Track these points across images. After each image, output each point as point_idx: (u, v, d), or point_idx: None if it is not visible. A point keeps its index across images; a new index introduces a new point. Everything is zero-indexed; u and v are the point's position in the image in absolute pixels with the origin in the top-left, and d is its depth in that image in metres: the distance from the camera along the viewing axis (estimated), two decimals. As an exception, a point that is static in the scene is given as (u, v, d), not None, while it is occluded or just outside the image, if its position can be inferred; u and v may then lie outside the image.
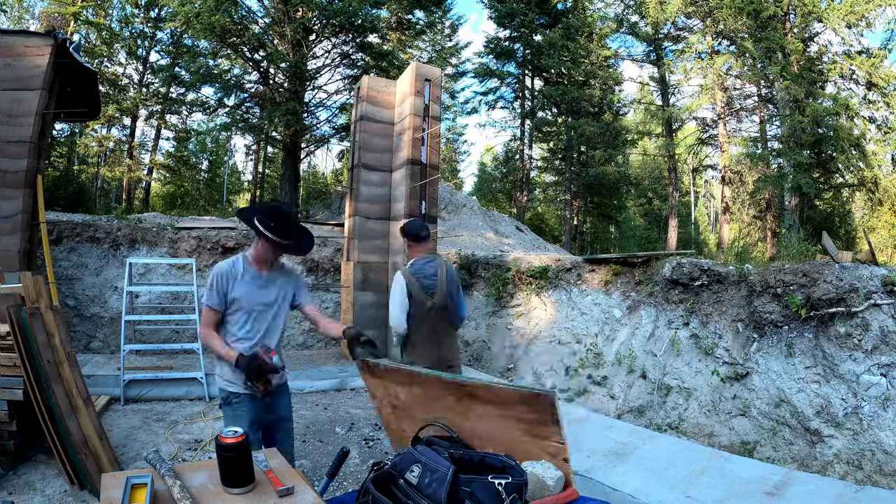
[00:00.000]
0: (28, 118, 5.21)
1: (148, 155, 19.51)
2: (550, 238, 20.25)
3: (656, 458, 3.30)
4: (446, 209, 12.64)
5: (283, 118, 12.35)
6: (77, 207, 12.65)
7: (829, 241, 4.80)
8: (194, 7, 11.32)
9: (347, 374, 6.05)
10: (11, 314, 3.02)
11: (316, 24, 12.79)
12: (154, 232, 7.52)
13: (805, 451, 4.14)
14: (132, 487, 1.33)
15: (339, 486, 3.44)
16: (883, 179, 14.24)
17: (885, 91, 13.49)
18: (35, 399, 3.04)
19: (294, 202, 13.90)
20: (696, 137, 18.87)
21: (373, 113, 6.98)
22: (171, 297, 7.02)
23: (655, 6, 16.17)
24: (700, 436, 4.71)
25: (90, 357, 6.07)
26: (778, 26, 14.31)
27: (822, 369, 4.30)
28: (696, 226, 27.76)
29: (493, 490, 1.36)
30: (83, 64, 5.73)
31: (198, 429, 4.36)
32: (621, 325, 6.17)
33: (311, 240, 2.44)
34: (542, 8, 19.46)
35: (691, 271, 5.56)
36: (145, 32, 17.63)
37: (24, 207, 5.16)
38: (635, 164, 26.62)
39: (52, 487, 3.11)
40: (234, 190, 25.50)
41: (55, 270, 6.34)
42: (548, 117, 20.87)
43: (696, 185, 28.63)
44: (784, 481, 2.89)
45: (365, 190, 6.88)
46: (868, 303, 4.15)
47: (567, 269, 7.16)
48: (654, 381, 5.37)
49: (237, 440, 1.39)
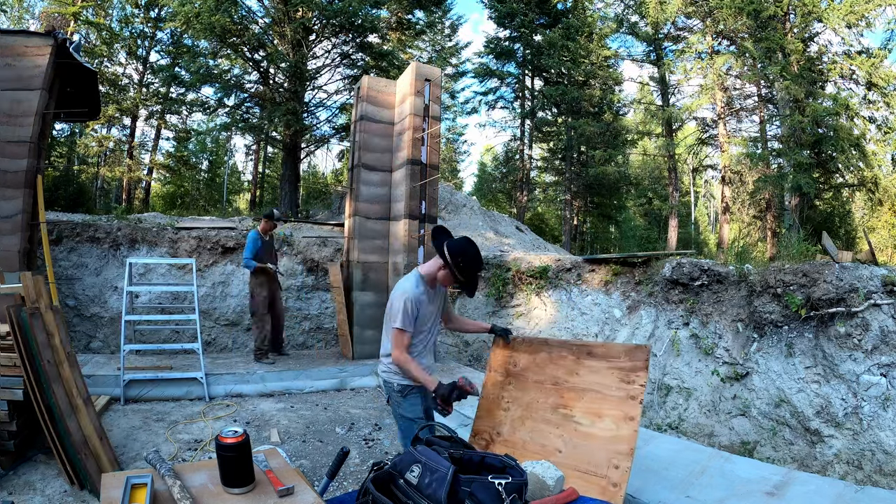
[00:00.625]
0: (28, 118, 5.21)
1: (148, 155, 19.50)
2: (550, 238, 20.25)
3: (656, 458, 3.30)
4: (446, 209, 12.64)
5: (283, 118, 12.34)
6: (77, 207, 12.65)
7: (829, 241, 4.80)
8: (194, 7, 11.31)
9: (347, 374, 6.05)
10: (11, 314, 3.02)
11: (316, 24, 12.78)
12: (154, 232, 7.52)
13: (805, 451, 4.14)
14: (132, 487, 1.33)
15: (339, 486, 3.44)
16: (883, 179, 14.23)
17: (885, 91, 13.48)
18: (35, 399, 3.04)
19: (294, 202, 13.89)
20: (696, 137, 18.87)
21: (373, 113, 6.98)
22: (171, 297, 7.02)
23: (655, 6, 16.16)
24: (700, 436, 4.71)
25: (90, 357, 6.07)
26: (778, 26, 14.31)
27: (822, 369, 4.30)
28: (696, 226, 27.76)
29: (493, 490, 1.36)
30: (83, 64, 5.73)
31: (198, 429, 4.36)
32: (621, 325, 6.17)
33: (478, 281, 2.62)
34: (542, 8, 19.46)
35: (691, 271, 5.56)
36: (145, 32, 17.62)
37: (24, 207, 5.16)
38: (635, 164, 26.62)
39: (52, 487, 3.12)
40: (234, 190, 25.50)
41: (55, 270, 6.34)
42: (548, 117, 20.86)
43: (696, 185, 28.62)
44: (784, 481, 2.89)
45: (365, 190, 6.88)
46: (868, 303, 4.15)
47: (567, 268, 7.16)
48: (654, 381, 5.37)
49: (237, 440, 1.39)
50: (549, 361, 2.63)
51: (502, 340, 2.88)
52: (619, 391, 2.32)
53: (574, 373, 2.52)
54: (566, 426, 2.43)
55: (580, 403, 2.43)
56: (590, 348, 2.53)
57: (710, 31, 16.07)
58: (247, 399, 5.28)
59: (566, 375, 2.54)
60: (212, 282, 7.52)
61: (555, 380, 2.57)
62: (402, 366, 2.42)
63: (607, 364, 2.42)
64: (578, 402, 2.44)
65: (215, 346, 7.32)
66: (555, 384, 2.56)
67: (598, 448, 2.27)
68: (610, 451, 2.22)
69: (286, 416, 4.82)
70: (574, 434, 2.38)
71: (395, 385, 2.53)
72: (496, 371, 2.86)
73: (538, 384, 2.62)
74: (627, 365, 2.35)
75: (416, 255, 6.42)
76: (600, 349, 2.50)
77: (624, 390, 2.31)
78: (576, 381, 2.50)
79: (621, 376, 2.34)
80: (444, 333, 7.58)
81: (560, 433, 2.43)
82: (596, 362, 2.46)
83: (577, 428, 2.39)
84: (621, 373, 2.35)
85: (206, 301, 7.33)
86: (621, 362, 2.37)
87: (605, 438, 2.27)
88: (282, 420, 4.69)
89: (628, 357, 2.36)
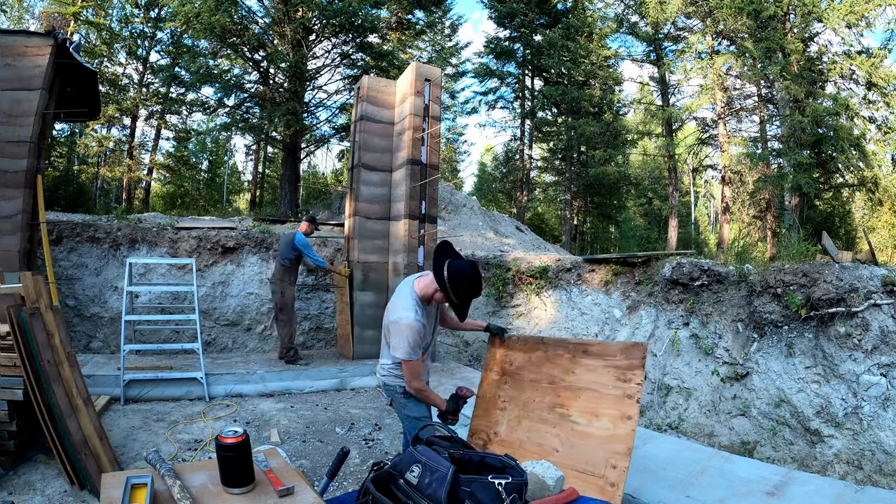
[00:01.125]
0: (28, 118, 5.21)
1: (148, 155, 19.50)
2: (550, 238, 20.26)
3: (656, 458, 3.30)
4: (446, 209, 12.64)
5: (283, 118, 12.35)
6: (77, 207, 12.65)
7: (829, 241, 4.80)
8: (194, 7, 11.32)
9: (347, 374, 6.05)
10: (11, 314, 3.02)
11: (316, 24, 12.79)
12: (154, 232, 7.51)
13: (805, 451, 4.14)
14: (132, 487, 1.33)
15: (339, 486, 3.44)
16: (883, 179, 14.23)
17: (885, 91, 13.48)
18: (35, 399, 3.04)
19: (294, 202, 13.90)
20: (696, 137, 18.87)
21: (373, 113, 6.98)
22: (171, 297, 7.02)
23: (655, 6, 16.16)
24: (700, 436, 4.71)
25: (90, 357, 6.06)
26: (778, 26, 14.31)
27: (822, 369, 4.30)
28: (696, 226, 27.75)
29: (492, 490, 1.36)
30: (83, 64, 5.72)
31: (198, 429, 4.36)
32: (621, 325, 6.17)
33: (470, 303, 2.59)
34: (542, 8, 19.46)
35: (691, 271, 5.56)
36: (145, 32, 17.61)
37: (24, 207, 5.15)
38: (635, 164, 26.62)
39: (52, 487, 3.11)
40: (234, 190, 25.50)
41: (55, 270, 6.34)
42: (548, 117, 20.86)
43: (696, 185, 28.61)
44: (784, 481, 2.89)
45: (365, 190, 6.88)
46: (868, 303, 4.15)
47: (567, 269, 7.16)
48: (654, 381, 5.37)
49: (237, 440, 1.39)
50: (545, 360, 2.62)
51: (498, 339, 2.88)
52: (616, 390, 2.31)
53: (570, 371, 2.51)
54: (563, 425, 2.42)
55: (577, 402, 2.42)
56: (586, 346, 2.52)
57: (710, 31, 16.07)
58: (247, 399, 5.28)
59: (562, 374, 2.53)
60: (212, 282, 7.52)
61: (551, 378, 2.56)
62: (421, 395, 2.47)
63: (603, 362, 2.40)
64: (575, 401, 2.43)
65: (215, 346, 7.32)
66: (551, 383, 2.55)
67: (595, 447, 2.26)
68: (607, 451, 2.22)
69: (286, 416, 4.82)
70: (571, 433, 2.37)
71: (397, 388, 2.56)
72: (492, 370, 2.85)
73: (534, 383, 2.61)
74: (624, 363, 2.33)
75: (416, 255, 6.42)
76: (596, 347, 2.49)
77: (620, 389, 2.30)
78: (572, 379, 2.48)
79: (618, 375, 2.33)
80: (445, 333, 7.57)
81: (557, 433, 2.42)
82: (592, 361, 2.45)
83: (574, 427, 2.38)
84: (618, 371, 2.34)
85: (206, 301, 7.33)
86: (617, 361, 2.36)
87: (603, 438, 2.26)
88: (282, 420, 4.69)
89: (624, 355, 2.35)
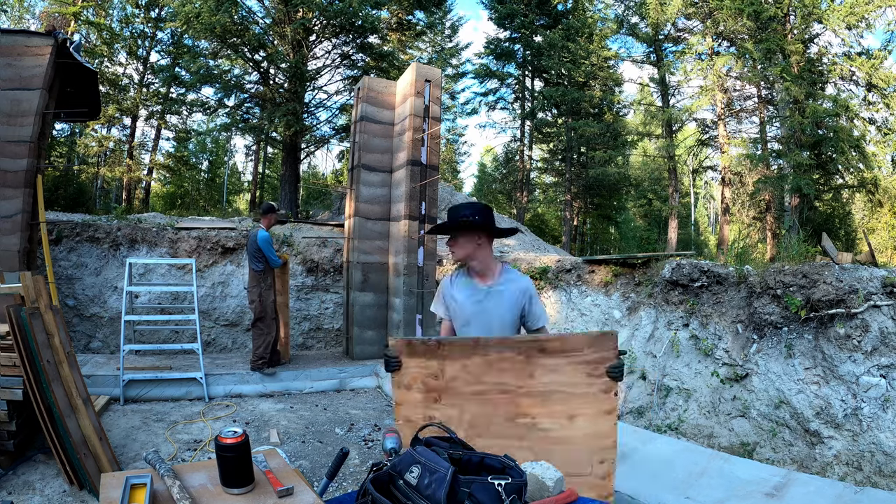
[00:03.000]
0: (28, 118, 5.21)
1: (148, 155, 19.52)
2: (550, 239, 20.27)
3: (656, 459, 3.30)
4: (446, 210, 12.64)
5: (283, 118, 12.35)
6: (77, 207, 12.65)
7: (829, 242, 4.80)
8: (194, 7, 11.32)
9: (347, 375, 6.05)
10: (11, 314, 3.02)
11: (316, 24, 12.79)
12: (154, 232, 7.52)
13: (805, 453, 4.14)
14: (131, 487, 1.32)
15: (339, 486, 3.44)
16: (883, 181, 14.23)
17: (885, 92, 13.48)
18: (35, 399, 3.04)
19: (294, 202, 13.89)
20: (696, 138, 18.87)
21: (373, 113, 6.98)
22: (171, 298, 7.02)
23: (656, 7, 16.17)
24: (700, 437, 4.71)
25: (90, 357, 6.06)
26: (778, 28, 14.32)
27: (822, 370, 4.30)
28: (696, 227, 27.77)
29: (492, 491, 1.35)
30: (83, 64, 5.72)
31: (197, 429, 4.36)
32: (621, 326, 6.17)
33: None
34: (543, 9, 19.48)
35: (691, 272, 5.56)
36: (145, 32, 17.63)
37: (24, 207, 5.16)
38: (635, 165, 26.64)
39: (51, 487, 3.11)
40: (234, 190, 25.53)
41: (55, 270, 6.34)
42: (548, 118, 20.88)
43: (696, 186, 28.64)
44: (784, 482, 2.89)
45: (365, 191, 6.88)
46: (868, 304, 4.15)
47: (567, 269, 7.16)
48: (653, 382, 5.37)
49: (237, 440, 1.39)
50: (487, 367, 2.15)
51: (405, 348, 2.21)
52: (590, 387, 2.07)
53: (528, 375, 2.13)
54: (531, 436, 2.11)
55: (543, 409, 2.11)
56: (541, 344, 2.14)
57: (710, 32, 16.08)
58: (246, 399, 5.28)
59: (516, 380, 2.13)
60: (212, 282, 7.52)
61: (502, 388, 2.14)
62: None
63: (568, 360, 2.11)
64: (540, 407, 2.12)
65: (215, 347, 7.32)
66: (504, 392, 2.14)
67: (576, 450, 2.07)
68: (592, 448, 2.06)
69: (286, 416, 4.82)
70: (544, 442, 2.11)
71: None
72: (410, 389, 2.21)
73: (479, 395, 2.15)
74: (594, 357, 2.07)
75: (416, 255, 6.42)
76: (555, 343, 2.14)
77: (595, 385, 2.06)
78: (531, 384, 2.12)
79: (588, 371, 2.07)
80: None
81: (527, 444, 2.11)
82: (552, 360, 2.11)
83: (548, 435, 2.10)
84: (588, 367, 2.08)
85: (205, 301, 7.33)
86: (586, 355, 2.08)
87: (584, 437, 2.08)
88: (281, 420, 4.69)
89: (594, 348, 2.07)
